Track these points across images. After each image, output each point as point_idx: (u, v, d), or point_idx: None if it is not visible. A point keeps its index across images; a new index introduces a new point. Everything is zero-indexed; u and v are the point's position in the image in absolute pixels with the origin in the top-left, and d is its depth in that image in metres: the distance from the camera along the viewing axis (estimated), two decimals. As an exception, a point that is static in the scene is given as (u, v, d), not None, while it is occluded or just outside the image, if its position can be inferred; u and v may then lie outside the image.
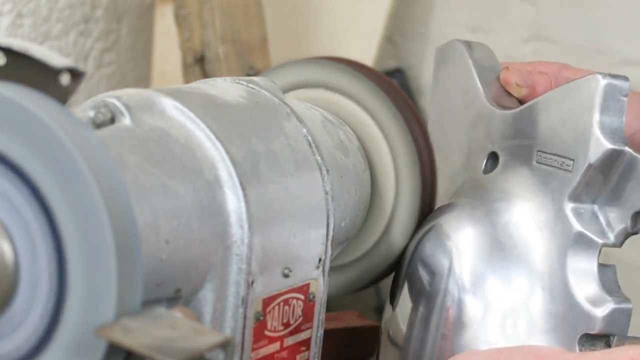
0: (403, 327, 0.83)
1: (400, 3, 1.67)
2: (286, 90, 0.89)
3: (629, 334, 0.76)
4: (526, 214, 0.79)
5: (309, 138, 0.79)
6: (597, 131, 0.76)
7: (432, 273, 0.81)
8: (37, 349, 0.59)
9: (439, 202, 0.87)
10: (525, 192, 0.80)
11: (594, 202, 0.78)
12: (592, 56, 1.46)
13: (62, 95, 0.62)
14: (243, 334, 0.71)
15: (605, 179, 0.77)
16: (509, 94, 0.87)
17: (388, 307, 0.86)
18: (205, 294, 0.69)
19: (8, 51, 0.63)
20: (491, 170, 0.84)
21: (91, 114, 0.68)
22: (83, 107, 0.69)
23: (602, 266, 0.77)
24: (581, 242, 0.76)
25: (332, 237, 0.78)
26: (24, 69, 0.63)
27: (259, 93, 0.80)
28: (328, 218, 0.77)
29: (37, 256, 0.59)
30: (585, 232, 0.76)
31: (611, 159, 0.76)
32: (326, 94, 0.89)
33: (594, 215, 0.78)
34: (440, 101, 0.90)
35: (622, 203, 0.77)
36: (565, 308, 0.76)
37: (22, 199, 0.59)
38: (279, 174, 0.74)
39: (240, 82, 0.81)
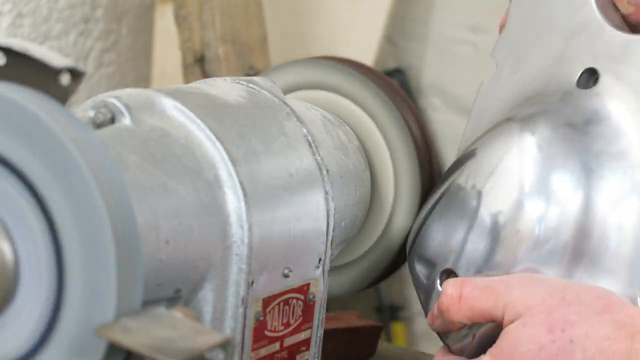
0: None
1: (400, 3, 1.67)
2: (286, 90, 0.89)
3: None
4: (625, 147, 0.76)
5: (309, 138, 0.79)
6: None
7: None
8: (37, 348, 0.59)
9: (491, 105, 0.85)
10: (629, 123, 0.76)
11: None
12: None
13: (62, 95, 0.62)
14: (243, 334, 0.71)
15: None
16: (615, 8, 0.82)
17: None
18: (205, 294, 0.69)
19: (8, 51, 0.63)
20: (585, 86, 0.79)
21: (91, 114, 0.68)
22: (83, 107, 0.69)
23: None
24: None
25: (332, 237, 0.78)
26: (24, 69, 0.63)
27: (259, 93, 0.80)
28: (328, 218, 0.77)
29: (37, 256, 0.59)
30: None
31: None
32: (326, 94, 0.89)
33: None
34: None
35: None
36: None
37: (22, 199, 0.59)
38: (279, 174, 0.74)
39: (240, 82, 0.81)
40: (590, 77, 0.80)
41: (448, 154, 1.70)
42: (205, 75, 1.36)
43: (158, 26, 1.56)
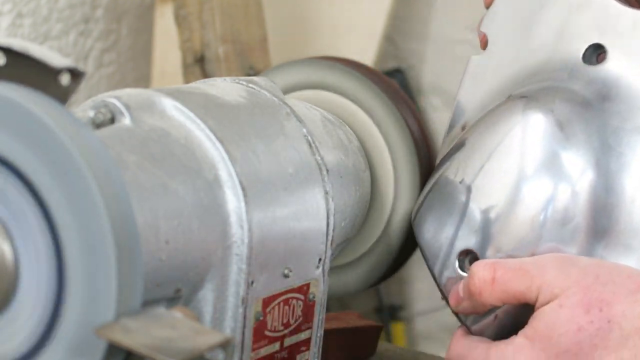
0: None
1: (400, 3, 1.67)
2: (286, 90, 0.89)
3: None
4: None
5: (309, 138, 0.79)
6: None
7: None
8: (37, 348, 0.59)
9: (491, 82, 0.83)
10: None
11: None
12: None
13: (62, 95, 0.62)
14: (243, 334, 0.71)
15: None
16: None
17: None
18: (205, 294, 0.69)
19: (8, 51, 0.63)
20: (590, 62, 0.79)
21: (91, 114, 0.68)
22: (83, 107, 0.69)
23: None
24: None
25: (332, 237, 0.78)
26: (24, 69, 0.63)
27: (259, 93, 0.80)
28: (328, 218, 0.77)
29: (37, 256, 0.59)
30: None
31: None
32: (326, 94, 0.89)
33: None
34: None
35: None
36: None
37: (22, 199, 0.59)
38: (279, 174, 0.74)
39: (240, 82, 0.81)
40: (594, 52, 0.79)
41: (448, 154, 1.69)
42: (205, 75, 1.36)
43: (158, 26, 1.56)
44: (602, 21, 0.79)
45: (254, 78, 0.82)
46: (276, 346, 0.75)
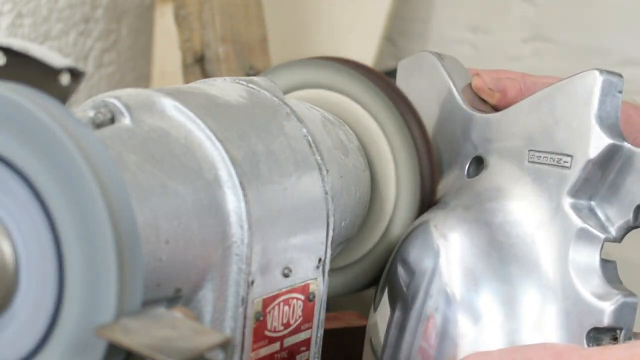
0: (381, 334, 0.82)
1: (400, 3, 1.67)
2: (286, 90, 0.89)
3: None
4: (522, 212, 0.79)
5: (309, 138, 0.79)
6: (596, 126, 0.76)
7: (412, 273, 0.79)
8: (37, 348, 0.59)
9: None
10: (518, 191, 0.80)
11: (590, 198, 0.78)
12: (592, 56, 1.46)
13: (62, 95, 0.62)
14: (243, 334, 0.71)
15: (603, 174, 0.77)
16: (482, 100, 0.88)
17: (371, 312, 0.85)
18: (205, 294, 0.69)
19: (8, 51, 0.63)
20: (476, 174, 0.84)
21: (91, 114, 0.68)
22: (83, 107, 0.69)
23: (604, 261, 0.77)
24: (583, 237, 0.76)
25: (332, 237, 0.78)
26: (24, 69, 0.63)
27: (259, 93, 0.80)
28: (328, 218, 0.77)
29: (37, 256, 0.59)
30: (588, 227, 0.76)
31: (610, 154, 0.76)
32: (326, 94, 0.89)
33: (592, 211, 0.78)
34: None
35: (622, 197, 0.77)
36: (570, 303, 0.75)
37: (22, 199, 0.59)
38: (279, 174, 0.74)
39: (240, 82, 0.81)
40: (478, 166, 0.85)
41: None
42: (205, 75, 1.36)
43: (158, 26, 1.56)
44: (473, 134, 0.86)
45: (254, 78, 0.82)
46: (276, 346, 0.75)
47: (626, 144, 0.76)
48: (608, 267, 0.77)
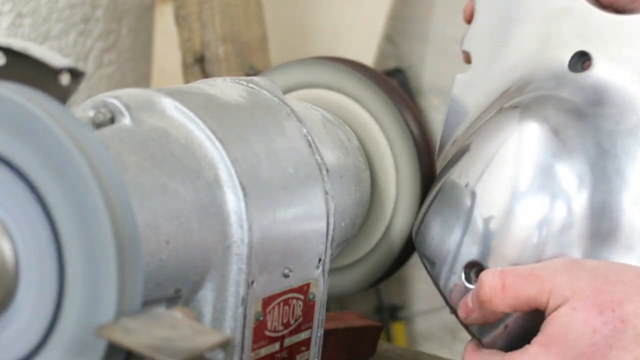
0: None
1: (400, 3, 1.67)
2: (286, 90, 0.89)
3: None
4: (634, 127, 0.76)
5: (309, 138, 0.79)
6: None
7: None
8: (37, 348, 0.59)
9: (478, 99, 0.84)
10: (632, 101, 0.76)
11: None
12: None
13: (62, 95, 0.62)
14: (243, 334, 0.71)
15: None
16: None
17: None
18: (205, 294, 0.69)
19: (8, 51, 0.63)
20: (575, 69, 0.79)
21: (91, 114, 0.68)
22: (83, 107, 0.69)
23: None
24: None
25: (332, 237, 0.78)
26: (24, 69, 0.63)
27: (259, 93, 0.80)
28: (328, 218, 0.77)
29: (37, 256, 0.59)
30: None
31: None
32: (326, 94, 0.89)
33: None
34: None
35: None
36: None
37: (22, 199, 0.59)
38: (279, 174, 0.74)
39: (240, 82, 0.81)
40: (579, 60, 0.80)
41: (448, 154, 1.69)
42: (205, 75, 1.36)
43: (158, 26, 1.56)
44: (584, 28, 0.79)
45: (254, 78, 0.82)
46: (276, 346, 0.75)
47: None
48: None
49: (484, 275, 0.73)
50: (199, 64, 1.37)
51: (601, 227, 0.74)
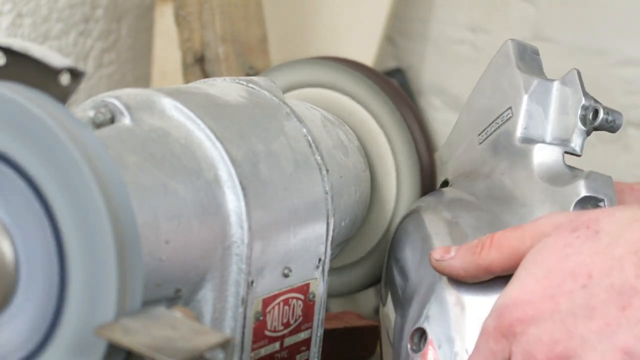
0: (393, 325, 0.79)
1: (400, 3, 1.67)
2: (286, 90, 0.89)
3: None
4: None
5: (309, 138, 0.79)
6: (519, 74, 0.80)
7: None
8: (38, 348, 0.59)
9: None
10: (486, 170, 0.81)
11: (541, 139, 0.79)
12: (592, 56, 1.45)
13: (62, 95, 0.62)
14: (243, 333, 0.71)
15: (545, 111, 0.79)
16: None
17: (380, 305, 0.82)
18: (205, 294, 0.69)
19: (8, 51, 0.63)
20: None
21: (91, 114, 0.68)
22: (83, 107, 0.69)
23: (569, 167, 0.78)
24: (542, 153, 0.78)
25: (332, 237, 0.78)
26: (24, 69, 0.63)
27: (259, 93, 0.80)
28: (328, 218, 0.77)
29: (37, 256, 0.59)
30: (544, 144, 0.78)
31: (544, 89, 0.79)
32: (326, 94, 0.89)
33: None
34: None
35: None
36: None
37: (22, 199, 0.59)
38: (279, 174, 0.74)
39: (240, 82, 0.81)
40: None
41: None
42: (205, 75, 1.36)
43: (158, 26, 1.56)
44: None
45: (254, 78, 0.82)
46: (276, 346, 0.75)
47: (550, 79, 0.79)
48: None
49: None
50: (199, 64, 1.37)
51: None
